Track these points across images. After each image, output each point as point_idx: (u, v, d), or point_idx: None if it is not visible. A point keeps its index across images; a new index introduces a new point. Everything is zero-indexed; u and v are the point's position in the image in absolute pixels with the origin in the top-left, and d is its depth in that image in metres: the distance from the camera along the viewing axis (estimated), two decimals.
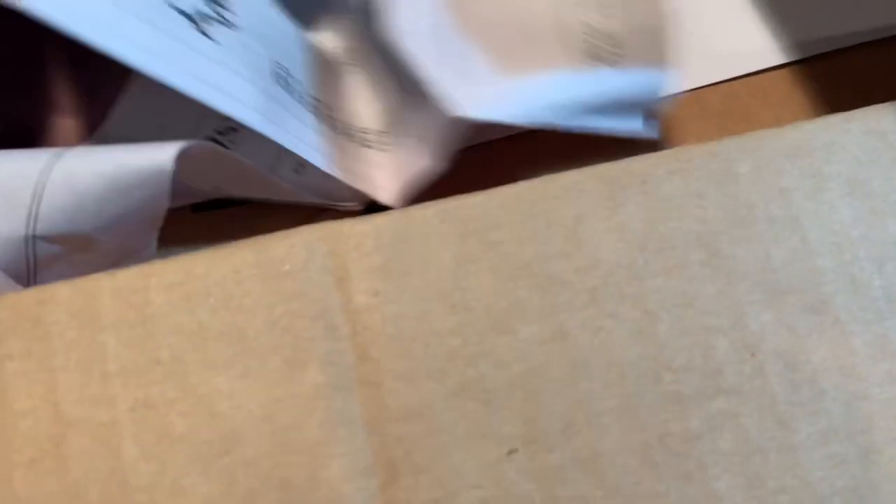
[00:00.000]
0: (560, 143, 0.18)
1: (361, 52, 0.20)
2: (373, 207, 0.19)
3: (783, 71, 0.20)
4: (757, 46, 0.20)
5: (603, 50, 0.19)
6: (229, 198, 0.19)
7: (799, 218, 0.14)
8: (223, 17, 0.17)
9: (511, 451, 0.12)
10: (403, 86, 0.19)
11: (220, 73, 0.16)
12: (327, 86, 0.20)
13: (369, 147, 0.20)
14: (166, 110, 0.19)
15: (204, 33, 0.16)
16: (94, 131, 0.20)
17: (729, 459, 0.13)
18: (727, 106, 0.20)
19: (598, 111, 0.18)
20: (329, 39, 0.20)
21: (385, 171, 0.19)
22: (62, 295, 0.13)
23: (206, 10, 0.16)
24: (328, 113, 0.19)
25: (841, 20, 0.21)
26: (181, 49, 0.15)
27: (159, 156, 0.15)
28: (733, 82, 0.20)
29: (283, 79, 0.18)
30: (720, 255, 0.14)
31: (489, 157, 0.20)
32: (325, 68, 0.20)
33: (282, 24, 0.19)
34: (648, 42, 0.18)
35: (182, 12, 0.16)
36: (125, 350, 0.13)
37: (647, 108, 0.19)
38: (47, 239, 0.15)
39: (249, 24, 0.17)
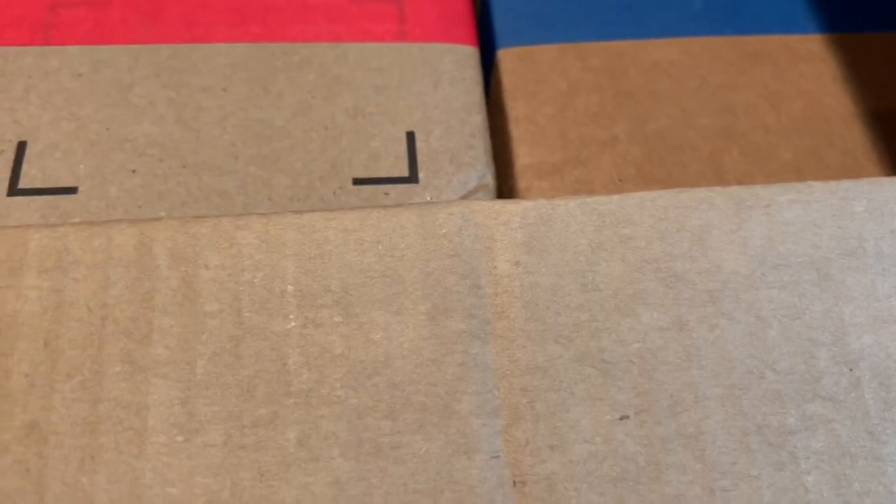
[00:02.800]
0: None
1: None
2: None
3: None
4: None
5: None
6: None
7: None
8: None
9: (623, 417, 0.14)
10: None
11: None
12: None
13: None
14: None
15: None
16: None
17: (819, 457, 0.14)
18: None
19: None
20: None
21: None
22: (255, 225, 0.15)
23: None
24: None
25: None
26: None
27: None
28: None
29: None
30: (830, 278, 0.15)
31: None
32: None
33: None
34: None
35: None
36: (302, 276, 0.15)
37: None
38: None
39: None
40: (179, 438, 0.14)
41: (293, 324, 0.14)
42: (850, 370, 0.14)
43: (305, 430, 0.14)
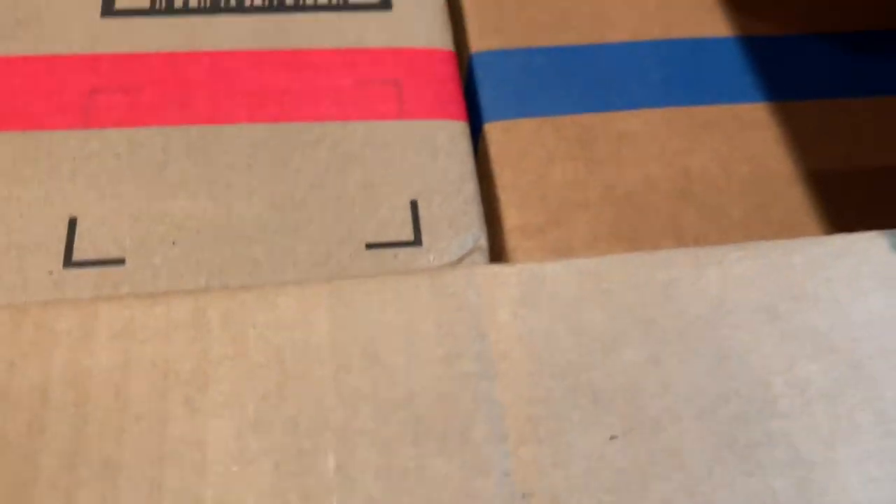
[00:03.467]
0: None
1: None
2: None
3: None
4: None
5: None
6: None
7: (839, 300, 0.18)
8: None
9: (613, 437, 0.16)
10: None
11: None
12: None
13: None
14: None
15: None
16: None
17: (783, 465, 0.16)
18: None
19: None
20: None
21: None
22: (292, 291, 0.18)
23: None
24: None
25: None
26: None
27: None
28: None
29: None
30: (778, 318, 0.18)
31: None
32: None
33: None
34: None
35: None
36: (334, 330, 0.17)
37: None
38: None
39: None
40: (235, 468, 0.16)
41: (329, 370, 0.17)
42: (802, 392, 0.17)
43: (343, 458, 0.16)
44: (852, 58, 0.27)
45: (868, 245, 0.19)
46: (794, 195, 0.24)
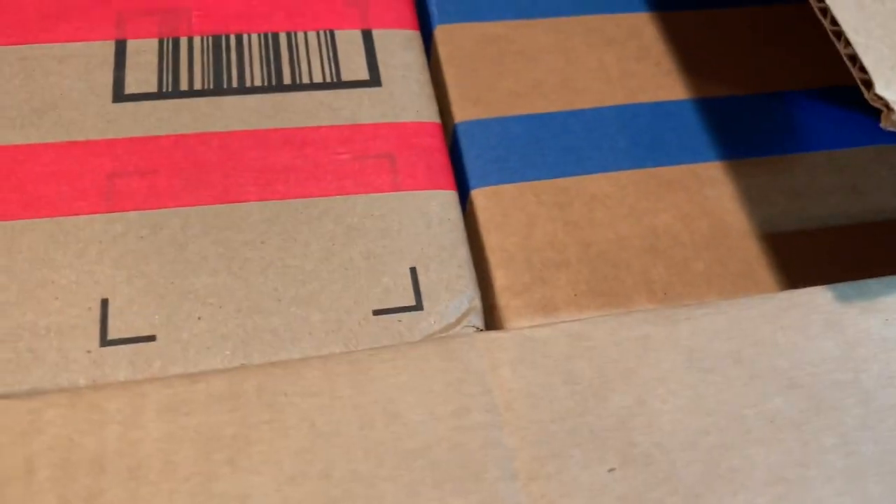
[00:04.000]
0: None
1: None
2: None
3: None
4: None
5: None
6: None
7: (795, 343, 0.21)
8: None
9: (611, 469, 0.19)
10: None
11: None
12: None
13: None
14: None
15: None
16: None
17: (763, 484, 0.19)
18: None
19: None
20: None
21: None
22: (316, 363, 0.20)
23: None
24: None
25: None
26: None
27: None
28: None
29: None
30: (742, 362, 0.21)
31: None
32: None
33: None
34: None
35: None
36: (357, 395, 0.20)
37: None
38: None
39: None
40: None
41: (354, 427, 0.19)
42: (772, 421, 0.20)
43: (373, 502, 0.18)
44: (803, 114, 0.30)
45: (813, 298, 0.22)
46: (749, 248, 0.27)
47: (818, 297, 0.22)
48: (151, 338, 0.23)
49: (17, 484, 0.18)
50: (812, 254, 0.26)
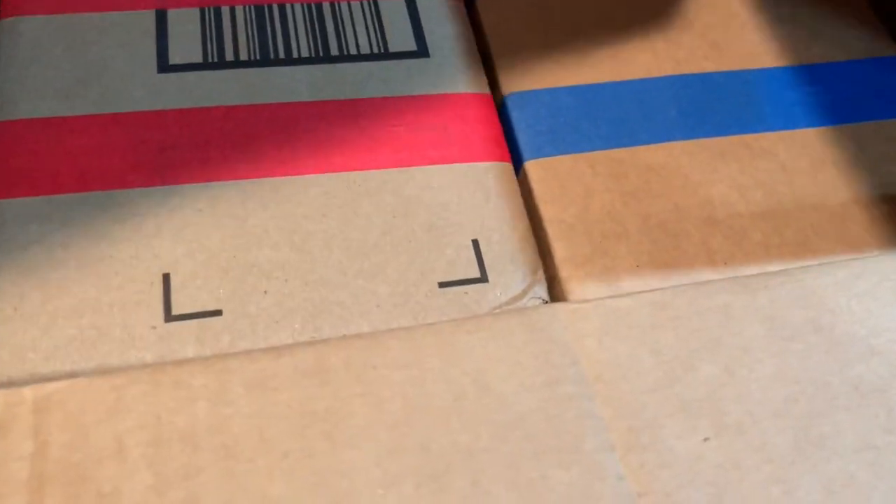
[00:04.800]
0: None
1: None
2: None
3: None
4: None
5: None
6: None
7: (870, 310, 0.21)
8: None
9: (706, 439, 0.19)
10: None
11: None
12: None
13: None
14: None
15: None
16: None
17: (854, 451, 0.19)
18: None
19: None
20: None
21: None
22: (401, 334, 0.20)
23: None
24: None
25: None
26: None
27: None
28: None
29: None
30: (821, 330, 0.21)
31: None
32: None
33: None
34: None
35: None
36: (447, 367, 0.19)
37: None
38: None
39: None
40: (380, 492, 0.18)
41: (447, 399, 0.19)
42: (856, 388, 0.20)
43: (475, 475, 0.18)
44: (851, 85, 0.30)
45: (882, 265, 0.22)
46: (803, 217, 0.27)
47: (887, 265, 0.22)
48: (217, 312, 0.22)
49: (110, 462, 0.17)
50: (867, 221, 0.27)
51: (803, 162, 0.28)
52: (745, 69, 0.30)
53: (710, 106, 0.29)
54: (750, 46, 0.31)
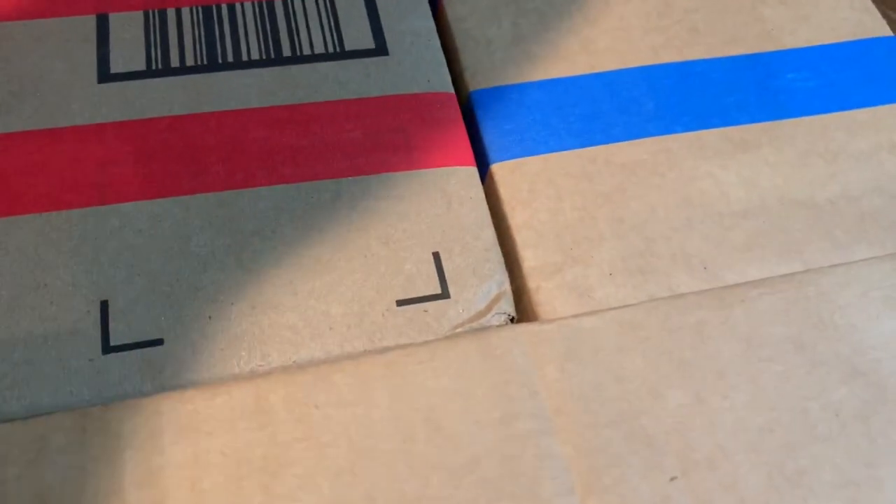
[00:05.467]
0: None
1: None
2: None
3: None
4: None
5: None
6: None
7: (855, 325, 0.20)
8: None
9: (672, 478, 0.17)
10: None
11: None
12: None
13: None
14: None
15: None
16: None
17: (831, 487, 0.18)
18: None
19: None
20: None
21: None
22: (347, 367, 0.18)
23: None
24: None
25: None
26: None
27: None
28: None
29: None
30: (803, 348, 0.19)
31: None
32: None
33: None
34: None
35: None
36: (394, 403, 0.18)
37: None
38: None
39: None
40: None
41: (395, 442, 0.18)
42: (837, 415, 0.19)
43: None
44: (836, 71, 0.28)
45: (869, 272, 0.20)
46: (789, 216, 0.25)
47: (874, 272, 0.21)
48: (158, 341, 0.21)
49: None
50: (857, 217, 0.25)
51: (789, 154, 0.27)
52: (726, 56, 0.29)
53: (689, 97, 0.27)
54: (732, 31, 0.29)
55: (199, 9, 0.27)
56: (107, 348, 0.21)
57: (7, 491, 0.17)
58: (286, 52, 0.26)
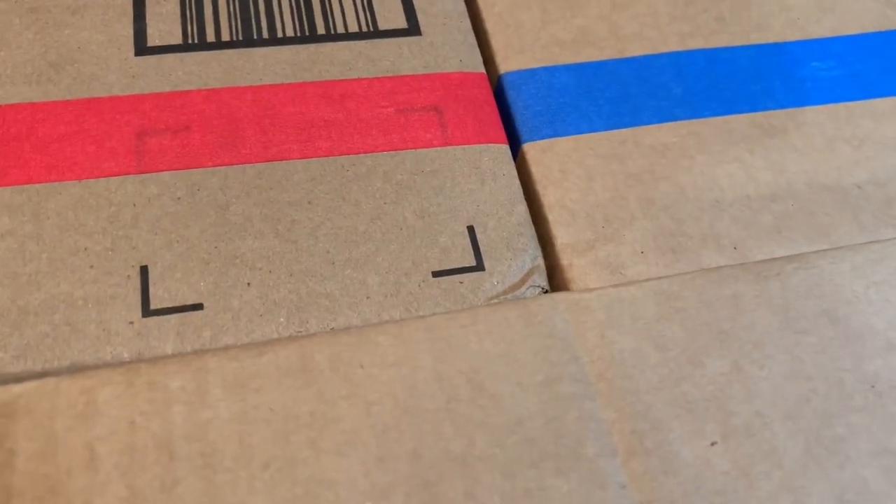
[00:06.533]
0: None
1: None
2: None
3: None
4: None
5: None
6: None
7: (889, 300, 0.20)
8: None
9: (713, 443, 0.18)
10: None
11: None
12: None
13: None
14: None
15: None
16: None
17: (868, 456, 0.18)
18: None
19: None
20: None
21: None
22: (391, 329, 0.18)
23: None
24: None
25: None
26: None
27: None
28: None
29: None
30: (838, 321, 0.20)
31: None
32: None
33: None
34: None
35: None
36: (437, 364, 0.18)
37: None
38: None
39: None
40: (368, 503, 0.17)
41: (440, 402, 0.18)
42: (872, 387, 0.19)
43: (468, 485, 0.17)
44: (863, 60, 0.29)
45: None
46: (816, 199, 0.25)
47: None
48: (198, 306, 0.21)
49: (81, 474, 0.16)
50: (884, 202, 0.25)
51: (816, 140, 0.27)
52: (752, 44, 0.29)
53: (716, 83, 0.28)
54: (758, 20, 0.30)
55: None
56: (147, 311, 0.21)
57: (57, 441, 0.17)
58: (320, 30, 0.27)
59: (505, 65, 0.28)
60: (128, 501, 0.16)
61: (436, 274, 0.22)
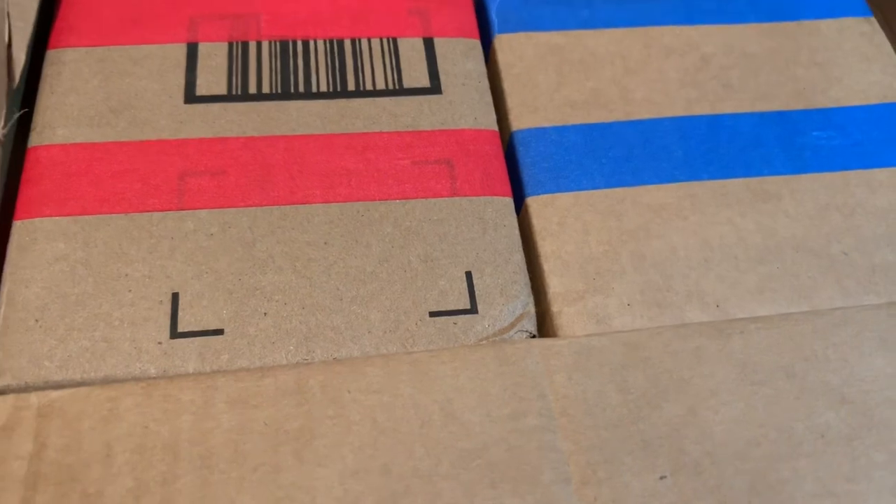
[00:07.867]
0: None
1: None
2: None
3: None
4: None
5: None
6: None
7: (846, 360, 0.21)
8: None
9: (662, 477, 0.19)
10: None
11: None
12: None
13: None
14: None
15: None
16: None
17: (811, 497, 0.19)
18: None
19: None
20: None
21: None
22: (378, 361, 0.21)
23: None
24: None
25: None
26: None
27: None
28: None
29: None
30: (794, 376, 0.21)
31: None
32: None
33: None
34: None
35: None
36: (416, 393, 0.20)
37: None
38: None
39: None
40: None
41: (414, 425, 0.20)
42: (822, 436, 0.20)
43: (431, 500, 0.19)
44: (861, 130, 0.30)
45: (867, 315, 0.22)
46: (802, 264, 0.27)
47: (872, 316, 0.22)
48: (219, 331, 0.24)
49: (98, 466, 0.19)
50: (868, 270, 0.27)
51: (808, 207, 0.28)
52: (756, 111, 0.31)
53: (716, 148, 0.30)
54: (765, 88, 0.31)
55: (277, 43, 0.30)
56: (174, 333, 0.24)
57: (81, 438, 0.19)
58: (351, 86, 0.30)
59: (518, 122, 0.30)
60: (134, 491, 0.18)
61: (433, 314, 0.25)
